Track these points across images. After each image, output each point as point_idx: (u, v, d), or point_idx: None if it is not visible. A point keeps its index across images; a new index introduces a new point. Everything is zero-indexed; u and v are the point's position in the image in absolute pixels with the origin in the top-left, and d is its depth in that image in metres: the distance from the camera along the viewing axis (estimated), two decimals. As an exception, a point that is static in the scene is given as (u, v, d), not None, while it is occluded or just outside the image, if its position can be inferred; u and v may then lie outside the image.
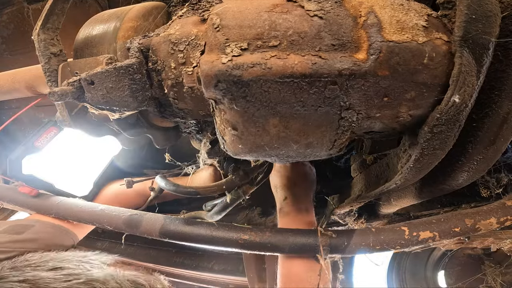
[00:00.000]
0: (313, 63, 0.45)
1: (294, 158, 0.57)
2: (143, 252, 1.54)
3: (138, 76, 0.56)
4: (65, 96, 0.54)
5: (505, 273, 1.31)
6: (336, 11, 0.48)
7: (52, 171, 1.06)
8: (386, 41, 0.45)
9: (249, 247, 0.82)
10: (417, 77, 0.46)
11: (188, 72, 0.54)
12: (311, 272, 0.82)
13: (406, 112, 0.50)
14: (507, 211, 0.73)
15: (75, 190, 1.11)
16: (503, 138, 0.56)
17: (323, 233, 0.79)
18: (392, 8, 0.48)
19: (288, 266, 0.86)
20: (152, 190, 1.15)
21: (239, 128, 0.51)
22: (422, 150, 0.51)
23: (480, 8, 0.45)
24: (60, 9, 0.69)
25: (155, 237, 0.87)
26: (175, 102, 0.59)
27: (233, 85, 0.46)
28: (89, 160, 1.18)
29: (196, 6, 0.60)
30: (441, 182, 0.66)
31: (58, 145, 1.07)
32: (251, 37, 0.47)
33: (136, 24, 0.65)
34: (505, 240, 0.93)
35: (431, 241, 0.74)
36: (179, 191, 0.88)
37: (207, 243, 0.85)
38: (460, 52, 0.45)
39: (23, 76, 0.90)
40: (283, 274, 0.87)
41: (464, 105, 0.47)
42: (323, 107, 0.48)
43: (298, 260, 0.84)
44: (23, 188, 0.99)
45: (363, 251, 0.76)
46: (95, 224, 0.94)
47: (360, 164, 0.91)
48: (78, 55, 0.68)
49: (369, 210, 0.98)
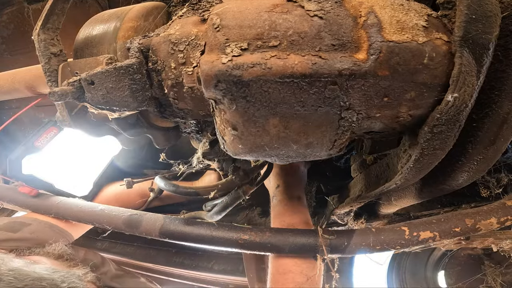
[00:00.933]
0: (313, 63, 0.45)
1: (294, 158, 0.57)
2: (143, 252, 1.54)
3: (138, 76, 0.56)
4: (65, 96, 0.54)
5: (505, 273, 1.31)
6: (336, 11, 0.48)
7: (52, 171, 1.06)
8: (386, 41, 0.45)
9: (249, 247, 0.82)
10: (417, 77, 0.46)
11: (188, 72, 0.54)
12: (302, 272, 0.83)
13: (406, 112, 0.50)
14: (508, 211, 0.73)
15: (75, 190, 1.11)
16: (503, 138, 0.56)
17: (323, 233, 0.79)
18: (392, 8, 0.48)
19: (278, 265, 0.87)
20: (151, 191, 1.15)
21: (239, 128, 0.51)
22: (422, 150, 0.51)
23: (480, 8, 0.45)
24: (60, 9, 0.69)
25: (155, 237, 0.87)
26: (175, 102, 0.59)
27: (233, 85, 0.46)
28: (89, 160, 1.18)
29: (196, 6, 0.60)
30: (441, 182, 0.66)
31: (58, 145, 1.07)
32: (251, 37, 0.47)
33: (136, 24, 0.65)
34: (505, 240, 0.93)
35: (432, 241, 0.74)
36: (178, 191, 0.88)
37: (207, 243, 0.85)
38: (460, 52, 0.45)
39: (23, 76, 0.90)
40: (273, 273, 0.88)
41: (464, 105, 0.47)
42: (323, 107, 0.48)
43: (289, 259, 0.85)
44: (23, 188, 0.99)
45: (363, 251, 0.77)
46: (95, 224, 0.94)
47: (360, 164, 0.91)
48: (78, 55, 0.68)
49: (369, 210, 0.98)
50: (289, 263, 0.85)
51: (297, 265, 0.85)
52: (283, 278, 0.85)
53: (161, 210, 1.18)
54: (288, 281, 0.84)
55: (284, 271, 0.86)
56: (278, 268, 0.87)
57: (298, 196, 1.01)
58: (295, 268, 0.84)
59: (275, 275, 0.87)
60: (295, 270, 0.84)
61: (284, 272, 0.86)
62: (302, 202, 1.00)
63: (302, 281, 0.83)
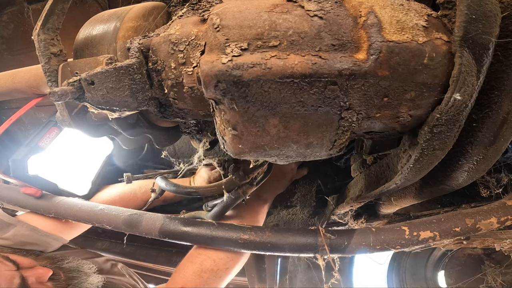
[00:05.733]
0: (313, 63, 0.45)
1: (294, 158, 0.57)
2: (143, 252, 1.55)
3: (138, 76, 0.56)
4: (65, 96, 0.54)
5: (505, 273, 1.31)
6: (336, 11, 0.48)
7: (55, 171, 1.05)
8: (386, 41, 0.45)
9: (249, 247, 0.82)
10: (417, 77, 0.46)
11: (188, 72, 0.54)
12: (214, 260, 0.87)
13: (406, 112, 0.50)
14: (508, 211, 0.73)
15: (76, 190, 1.11)
16: (503, 138, 0.56)
17: (323, 233, 0.79)
18: (392, 8, 0.48)
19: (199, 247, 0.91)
20: (153, 191, 1.15)
21: (239, 128, 0.51)
22: (422, 150, 0.51)
23: (480, 8, 0.45)
24: (60, 9, 0.69)
25: (154, 237, 0.87)
26: (175, 102, 0.59)
27: (233, 85, 0.46)
28: (86, 160, 1.18)
29: (196, 6, 0.60)
30: (441, 182, 0.66)
31: (59, 145, 1.07)
32: (251, 37, 0.47)
33: (136, 24, 0.65)
34: (505, 240, 0.93)
35: (432, 241, 0.74)
36: (179, 191, 0.88)
37: (207, 243, 0.85)
38: (460, 52, 0.45)
39: (23, 76, 0.89)
40: (190, 251, 0.92)
41: (464, 105, 0.47)
42: (323, 107, 0.48)
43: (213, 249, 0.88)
44: (26, 189, 0.98)
45: (363, 251, 0.77)
46: (95, 224, 0.94)
47: (360, 164, 0.91)
48: (78, 55, 0.68)
49: (369, 210, 0.98)
50: (211, 249, 0.89)
51: (216, 252, 0.88)
52: (195, 256, 0.89)
53: (161, 210, 1.18)
54: (196, 260, 0.88)
55: (200, 252, 0.90)
56: (198, 248, 0.91)
57: (265, 198, 1.05)
58: (212, 253, 0.88)
59: (192, 251, 0.92)
60: (210, 255, 0.88)
61: (199, 253, 0.90)
62: (265, 204, 1.05)
63: (207, 267, 0.86)
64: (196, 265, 0.87)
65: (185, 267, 0.89)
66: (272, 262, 1.44)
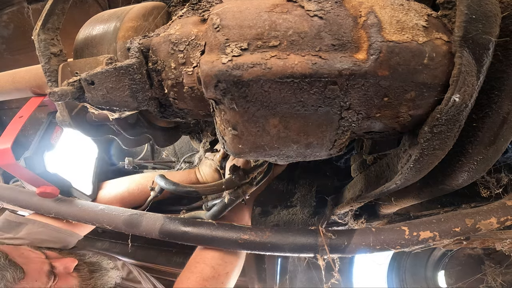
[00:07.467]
0: (313, 63, 0.45)
1: (294, 158, 0.57)
2: (143, 252, 1.55)
3: (138, 76, 0.56)
4: (65, 96, 0.54)
5: (505, 273, 1.31)
6: (336, 11, 0.48)
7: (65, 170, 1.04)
8: (386, 41, 0.45)
9: (249, 247, 0.82)
10: (417, 77, 0.46)
11: (188, 72, 0.54)
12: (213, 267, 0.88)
13: (406, 112, 0.50)
14: (508, 211, 0.73)
15: (84, 189, 1.11)
16: (503, 138, 0.56)
17: (323, 233, 0.79)
18: (392, 8, 0.48)
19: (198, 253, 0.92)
20: (152, 190, 1.15)
21: (239, 128, 0.51)
22: (422, 150, 0.51)
23: (480, 8, 0.45)
24: (60, 9, 0.69)
25: (155, 237, 0.87)
26: (175, 102, 0.59)
27: (233, 85, 0.46)
28: (83, 160, 1.18)
29: (196, 6, 0.60)
30: (441, 182, 0.66)
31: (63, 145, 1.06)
32: (251, 37, 0.47)
33: (136, 24, 0.65)
34: (505, 240, 0.93)
35: (431, 241, 0.74)
36: (178, 190, 0.88)
37: (207, 243, 0.85)
38: (460, 52, 0.45)
39: (23, 76, 0.89)
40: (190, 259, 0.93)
41: (464, 105, 0.47)
42: (323, 107, 0.48)
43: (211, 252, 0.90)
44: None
45: (363, 251, 0.77)
46: (95, 224, 0.94)
47: (360, 164, 0.91)
48: (78, 55, 0.68)
49: (369, 210, 0.99)
50: (208, 255, 0.90)
51: (213, 259, 0.89)
52: (193, 266, 0.89)
53: (161, 210, 1.18)
54: (196, 270, 0.88)
55: (198, 260, 0.90)
56: (196, 256, 0.92)
57: None
58: (209, 260, 0.89)
59: (190, 260, 0.92)
60: (208, 262, 0.88)
61: (197, 261, 0.90)
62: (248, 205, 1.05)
63: (208, 275, 0.87)
64: (196, 274, 0.87)
65: (186, 278, 0.89)
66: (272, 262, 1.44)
